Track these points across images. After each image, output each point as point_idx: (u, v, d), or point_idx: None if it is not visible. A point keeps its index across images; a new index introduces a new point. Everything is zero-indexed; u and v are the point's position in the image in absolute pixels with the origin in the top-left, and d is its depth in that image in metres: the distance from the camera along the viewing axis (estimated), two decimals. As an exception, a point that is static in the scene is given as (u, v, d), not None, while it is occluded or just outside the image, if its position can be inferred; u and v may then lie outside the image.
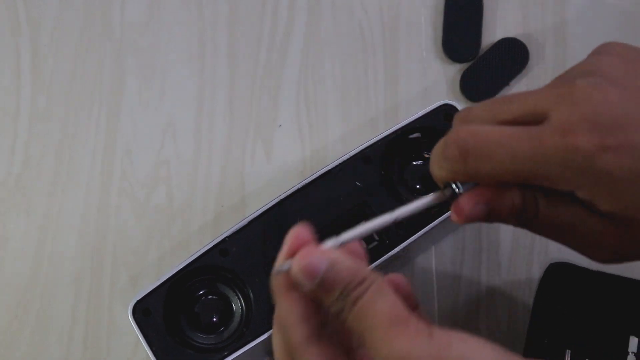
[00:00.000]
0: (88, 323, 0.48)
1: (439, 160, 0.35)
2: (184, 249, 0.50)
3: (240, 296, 0.45)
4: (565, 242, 0.37)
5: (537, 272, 0.50)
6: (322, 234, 0.37)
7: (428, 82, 0.52)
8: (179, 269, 0.44)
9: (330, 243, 0.35)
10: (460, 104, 0.46)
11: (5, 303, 0.49)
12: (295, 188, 0.45)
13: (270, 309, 0.41)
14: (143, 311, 0.43)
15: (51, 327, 0.49)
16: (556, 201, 0.36)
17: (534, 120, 0.33)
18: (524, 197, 0.36)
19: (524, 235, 0.50)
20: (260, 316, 0.44)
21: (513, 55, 0.51)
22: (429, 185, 0.46)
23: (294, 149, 0.51)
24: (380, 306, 0.34)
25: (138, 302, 0.44)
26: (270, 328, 0.43)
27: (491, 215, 0.36)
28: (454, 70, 0.53)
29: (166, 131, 0.51)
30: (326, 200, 0.45)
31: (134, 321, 0.43)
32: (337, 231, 0.39)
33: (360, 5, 0.54)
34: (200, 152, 0.51)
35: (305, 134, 0.52)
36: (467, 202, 0.36)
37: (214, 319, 0.45)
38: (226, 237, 0.45)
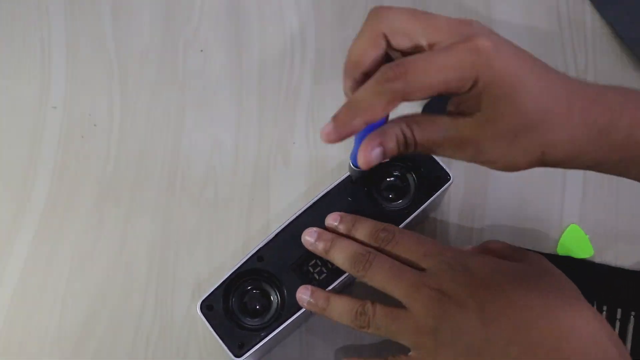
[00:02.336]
0: (161, 318, 0.54)
1: (379, 87, 0.36)
2: (224, 233, 0.56)
3: (275, 289, 0.50)
4: (440, 151, 0.40)
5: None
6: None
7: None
8: (230, 274, 0.49)
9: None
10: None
11: (88, 296, 0.55)
12: (306, 207, 0.51)
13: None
14: (207, 307, 0.49)
15: (126, 322, 0.54)
16: (425, 123, 0.39)
17: (436, 42, 0.37)
18: (402, 130, 0.39)
19: (465, 221, 0.56)
20: (291, 302, 0.49)
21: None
22: (399, 195, 0.52)
23: (304, 159, 0.58)
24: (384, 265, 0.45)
25: (203, 301, 0.49)
26: (299, 310, 0.49)
27: (386, 153, 0.39)
28: (419, 103, 0.57)
29: (214, 147, 0.59)
30: (329, 213, 0.50)
31: (202, 315, 0.49)
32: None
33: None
34: (238, 161, 0.58)
35: (312, 148, 0.59)
36: (366, 151, 0.38)
37: (258, 307, 0.50)
38: (260, 247, 0.50)
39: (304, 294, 0.48)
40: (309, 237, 0.49)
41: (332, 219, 0.50)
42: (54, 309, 0.55)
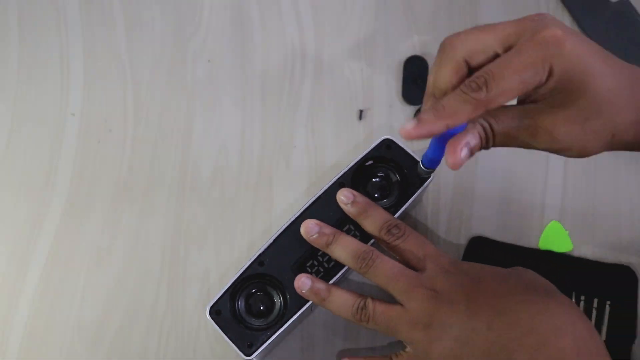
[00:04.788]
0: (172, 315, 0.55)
1: (465, 96, 0.36)
2: (230, 231, 0.57)
3: (277, 290, 0.50)
4: (517, 142, 0.40)
5: (464, 245, 0.57)
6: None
7: (393, 119, 0.60)
8: (234, 280, 0.50)
9: None
10: (397, 139, 0.52)
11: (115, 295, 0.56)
12: (303, 209, 0.51)
13: (299, 297, 0.49)
14: (215, 312, 0.49)
15: (140, 312, 0.55)
16: (500, 115, 0.39)
17: (511, 45, 0.37)
18: (483, 128, 0.39)
19: (454, 218, 0.57)
20: (293, 301, 0.49)
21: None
22: (385, 195, 0.52)
23: (303, 162, 0.59)
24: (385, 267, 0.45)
25: (212, 306, 0.49)
26: (300, 308, 0.49)
27: (472, 151, 0.39)
28: (410, 110, 0.61)
29: (220, 150, 0.60)
30: (322, 215, 0.51)
31: (211, 319, 0.49)
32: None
33: (349, 69, 0.62)
34: (243, 163, 0.59)
35: (311, 151, 0.60)
36: (454, 152, 0.38)
37: (262, 308, 0.50)
38: (261, 252, 0.50)
39: (305, 283, 0.48)
40: (310, 230, 0.48)
41: (345, 197, 0.48)
42: (74, 301, 0.56)
